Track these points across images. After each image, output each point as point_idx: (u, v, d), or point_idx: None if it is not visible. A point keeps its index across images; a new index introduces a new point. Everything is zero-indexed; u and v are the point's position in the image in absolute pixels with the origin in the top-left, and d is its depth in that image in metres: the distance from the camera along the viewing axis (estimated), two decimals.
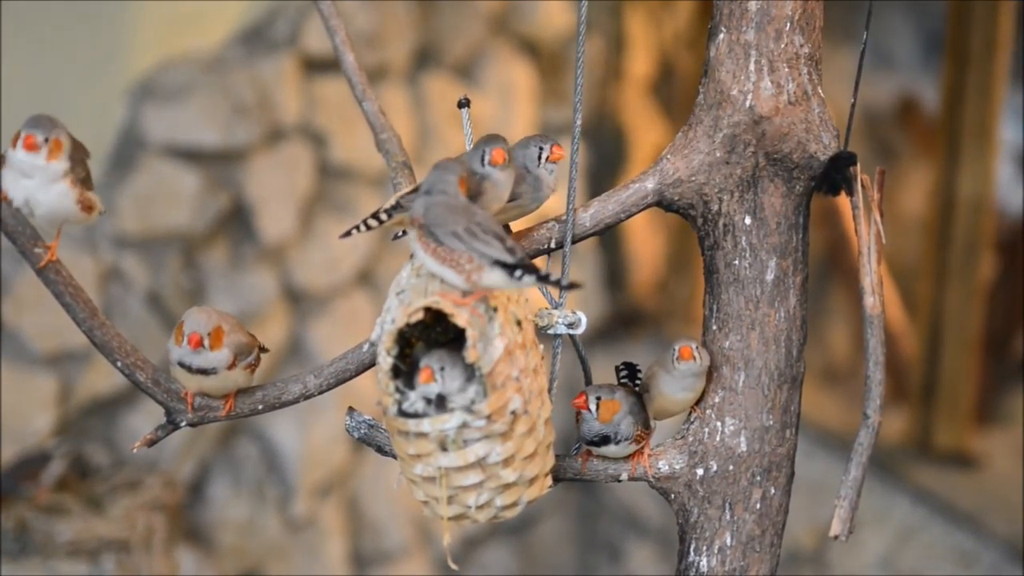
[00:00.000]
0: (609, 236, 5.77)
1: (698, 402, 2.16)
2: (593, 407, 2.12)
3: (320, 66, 4.78)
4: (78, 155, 1.94)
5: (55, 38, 4.23)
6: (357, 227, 2.07)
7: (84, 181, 1.94)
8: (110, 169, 4.40)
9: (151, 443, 2.13)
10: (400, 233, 2.14)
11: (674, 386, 2.13)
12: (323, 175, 4.85)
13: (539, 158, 2.12)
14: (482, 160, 2.08)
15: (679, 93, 6.03)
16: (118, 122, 4.44)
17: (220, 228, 4.60)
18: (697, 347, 2.11)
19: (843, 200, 2.11)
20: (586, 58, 5.78)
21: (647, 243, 5.93)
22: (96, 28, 4.35)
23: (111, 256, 4.38)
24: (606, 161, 5.80)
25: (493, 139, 2.12)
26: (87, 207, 1.95)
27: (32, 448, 4.10)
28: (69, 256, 4.12)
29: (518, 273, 1.90)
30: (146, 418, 4.38)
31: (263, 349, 2.15)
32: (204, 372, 2.05)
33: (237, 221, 4.65)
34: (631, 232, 5.84)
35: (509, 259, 1.90)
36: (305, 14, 4.70)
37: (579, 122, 2.14)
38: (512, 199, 2.11)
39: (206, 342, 2.04)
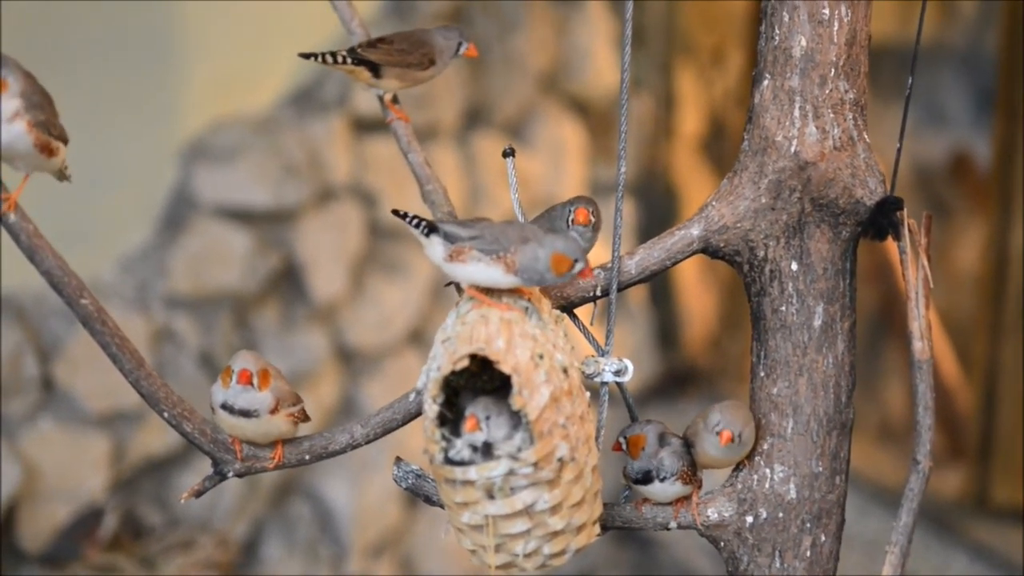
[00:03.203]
0: (661, 292, 5.77)
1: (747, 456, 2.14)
2: (624, 446, 2.13)
3: (369, 126, 4.81)
4: (38, 99, 1.93)
5: (107, 100, 4.27)
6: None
7: (43, 125, 1.93)
8: (161, 230, 4.43)
9: (198, 494, 2.14)
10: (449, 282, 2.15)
11: (716, 450, 2.10)
12: (373, 234, 4.87)
13: (567, 221, 2.13)
14: (568, 221, 2.13)
15: (730, 150, 6.04)
16: (169, 183, 4.47)
17: (271, 288, 4.62)
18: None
19: (894, 253, 2.10)
20: (635, 116, 5.80)
21: (699, 299, 5.92)
22: (147, 90, 4.40)
23: (163, 316, 4.40)
24: (657, 219, 5.80)
25: (580, 199, 2.15)
26: (46, 149, 1.94)
27: (85, 507, 4.12)
28: (120, 316, 4.14)
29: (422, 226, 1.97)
30: (198, 476, 4.34)
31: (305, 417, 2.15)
32: (246, 414, 2.05)
33: (288, 281, 4.67)
34: (683, 288, 5.83)
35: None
36: None
37: (623, 169, 2.14)
38: None
39: (255, 380, 2.05)
